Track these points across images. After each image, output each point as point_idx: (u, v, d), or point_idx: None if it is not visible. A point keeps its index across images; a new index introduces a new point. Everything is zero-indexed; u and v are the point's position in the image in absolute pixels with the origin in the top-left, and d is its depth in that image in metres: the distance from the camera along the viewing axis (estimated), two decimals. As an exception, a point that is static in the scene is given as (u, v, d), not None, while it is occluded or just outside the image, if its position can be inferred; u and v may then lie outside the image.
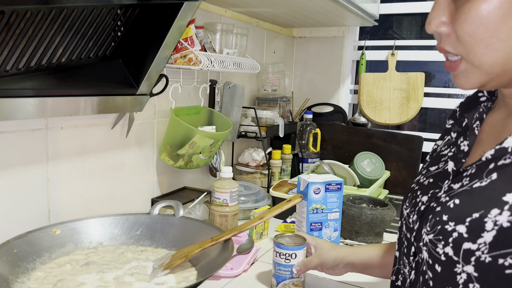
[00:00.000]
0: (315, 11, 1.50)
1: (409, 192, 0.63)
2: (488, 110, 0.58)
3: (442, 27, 0.50)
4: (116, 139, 1.09)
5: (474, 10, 0.46)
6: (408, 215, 0.59)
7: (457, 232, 0.47)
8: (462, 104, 0.64)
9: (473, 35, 0.47)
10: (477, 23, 0.46)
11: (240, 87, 1.42)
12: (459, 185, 0.52)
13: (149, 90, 1.02)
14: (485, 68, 0.48)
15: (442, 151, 0.63)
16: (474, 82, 0.50)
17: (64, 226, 0.90)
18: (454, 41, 0.49)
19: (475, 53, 0.48)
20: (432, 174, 0.60)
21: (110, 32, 0.92)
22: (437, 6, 0.50)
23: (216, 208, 1.11)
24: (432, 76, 1.91)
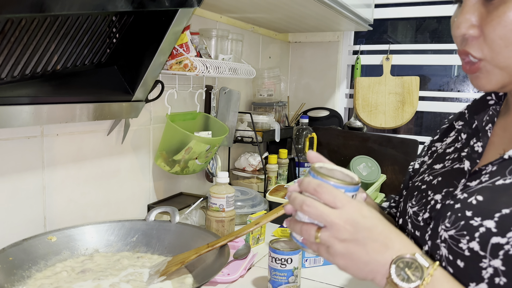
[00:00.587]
0: (309, 17, 1.51)
1: (413, 190, 0.63)
2: (498, 113, 0.60)
3: (471, 30, 0.51)
4: (111, 145, 1.09)
5: (509, 13, 0.48)
6: (416, 213, 0.59)
7: (485, 227, 0.48)
8: (470, 107, 0.65)
9: (504, 38, 0.49)
10: (511, 27, 0.48)
11: (236, 92, 1.43)
12: (476, 182, 0.53)
13: (145, 96, 1.02)
14: (510, 70, 0.50)
15: (446, 151, 0.64)
16: (496, 83, 0.52)
17: (59, 233, 0.89)
18: (481, 44, 0.51)
19: (502, 55, 0.49)
20: (440, 173, 0.60)
21: (105, 39, 0.92)
22: (467, 9, 0.51)
23: (212, 214, 1.11)
24: (427, 80, 1.92)
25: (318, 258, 1.07)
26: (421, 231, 0.58)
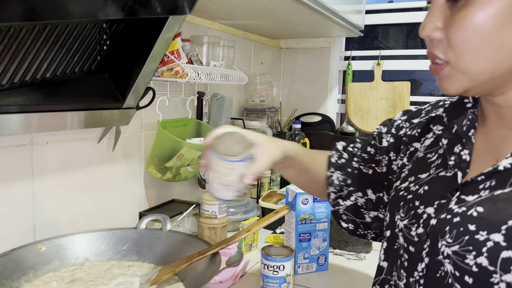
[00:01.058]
0: (301, 23, 1.52)
1: (399, 200, 0.60)
2: (477, 117, 0.58)
3: (435, 32, 0.50)
4: (102, 153, 1.08)
5: (470, 17, 0.47)
6: (408, 227, 0.56)
7: (492, 241, 0.45)
8: (447, 110, 0.63)
9: (465, 42, 0.48)
10: (471, 31, 0.47)
11: (228, 98, 1.43)
12: (475, 197, 0.50)
13: (136, 103, 1.01)
14: (472, 75, 0.49)
15: (428, 158, 0.61)
16: (458, 87, 0.51)
17: (49, 242, 0.88)
18: (445, 47, 0.50)
19: (464, 59, 0.49)
20: (426, 182, 0.58)
21: (96, 46, 0.92)
22: (433, 11, 0.51)
23: (205, 221, 1.10)
24: (418, 85, 1.94)
25: (310, 265, 1.07)
26: (416, 246, 0.55)
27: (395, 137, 0.72)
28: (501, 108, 0.54)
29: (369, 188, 0.76)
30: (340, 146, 0.83)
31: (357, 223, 0.78)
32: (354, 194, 0.77)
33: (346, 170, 0.78)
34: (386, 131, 0.74)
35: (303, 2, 1.14)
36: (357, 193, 0.77)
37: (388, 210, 0.63)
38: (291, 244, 1.07)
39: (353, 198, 0.78)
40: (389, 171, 0.73)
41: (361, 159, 0.77)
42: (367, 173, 0.76)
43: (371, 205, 0.76)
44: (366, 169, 0.76)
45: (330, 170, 0.79)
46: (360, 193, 0.77)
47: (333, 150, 0.83)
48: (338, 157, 0.80)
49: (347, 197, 0.78)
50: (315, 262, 1.08)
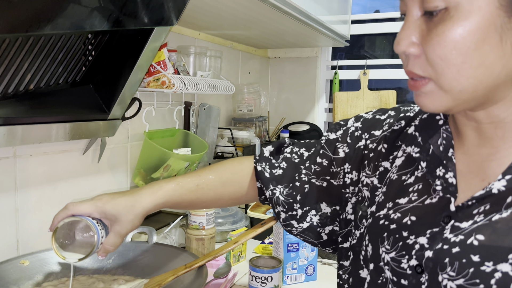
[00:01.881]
0: (288, 33, 1.53)
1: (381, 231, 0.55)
2: (451, 135, 0.55)
3: (411, 47, 0.47)
4: (87, 164, 1.07)
5: (448, 33, 0.44)
6: (396, 260, 0.52)
7: (500, 271, 0.43)
8: (419, 128, 0.58)
9: (445, 59, 0.45)
10: (451, 47, 0.44)
11: (215, 108, 1.43)
12: (470, 223, 0.47)
13: (122, 114, 1.01)
14: (454, 93, 0.46)
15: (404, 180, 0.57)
16: (439, 105, 0.48)
17: (33, 257, 0.86)
18: (423, 63, 0.47)
19: (445, 77, 0.46)
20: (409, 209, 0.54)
21: (81, 57, 0.91)
22: (408, 25, 0.48)
23: (192, 232, 1.09)
24: (404, 93, 1.96)
25: (299, 275, 1.07)
26: (409, 279, 0.51)
27: (352, 148, 0.66)
28: (482, 124, 0.51)
29: (323, 201, 0.68)
30: (267, 152, 0.74)
31: (315, 244, 0.71)
32: (309, 214, 0.69)
33: (290, 184, 0.70)
34: (341, 140, 0.68)
35: (289, 13, 1.15)
36: (311, 211, 0.69)
37: (369, 241, 0.57)
38: (280, 255, 1.06)
39: (308, 218, 0.69)
40: (344, 184, 0.66)
41: (311, 171, 0.69)
42: (320, 186, 0.68)
43: (325, 220, 0.69)
44: (320, 181, 0.68)
45: (270, 188, 0.70)
46: (313, 210, 0.69)
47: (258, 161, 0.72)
48: (270, 166, 0.71)
49: (302, 218, 0.69)
50: (303, 272, 1.07)
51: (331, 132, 0.70)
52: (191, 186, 0.70)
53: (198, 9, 1.12)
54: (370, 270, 0.57)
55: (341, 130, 0.69)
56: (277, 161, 0.72)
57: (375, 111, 0.69)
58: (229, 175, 0.73)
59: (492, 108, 0.49)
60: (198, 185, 0.70)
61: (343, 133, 0.68)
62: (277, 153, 0.74)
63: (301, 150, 0.72)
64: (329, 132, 0.70)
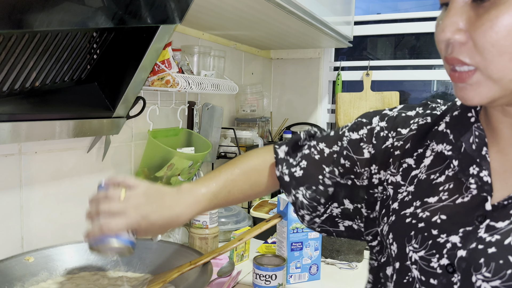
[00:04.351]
0: (291, 34, 1.53)
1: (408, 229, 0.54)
2: (484, 133, 0.53)
3: (457, 34, 0.45)
4: (92, 163, 1.07)
5: (503, 18, 0.42)
6: (425, 259, 0.51)
7: None
8: (450, 126, 0.57)
9: (497, 46, 0.43)
10: (504, 33, 0.43)
11: (218, 108, 1.43)
12: (507, 223, 0.46)
13: (126, 112, 1.01)
14: (504, 82, 0.45)
15: (433, 179, 0.56)
16: (486, 97, 0.46)
17: (37, 253, 0.87)
18: (470, 50, 0.45)
19: (496, 65, 0.44)
20: (440, 208, 0.52)
21: (86, 55, 0.92)
22: (454, 12, 0.45)
23: (195, 231, 1.10)
24: (407, 95, 1.96)
25: (303, 274, 1.07)
26: (439, 279, 0.50)
27: (378, 148, 0.64)
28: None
29: (347, 198, 0.67)
30: (282, 153, 0.72)
31: (330, 231, 0.71)
32: (330, 206, 0.69)
33: (313, 187, 0.68)
34: (365, 140, 0.66)
35: (294, 12, 1.16)
36: (333, 204, 0.69)
37: (394, 239, 0.56)
38: (283, 254, 1.06)
39: (328, 210, 0.69)
40: (370, 184, 0.65)
41: (335, 174, 0.67)
42: (345, 184, 0.67)
43: (346, 214, 0.69)
44: (344, 180, 0.67)
45: (292, 193, 0.69)
46: (336, 203, 0.68)
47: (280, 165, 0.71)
48: (288, 166, 0.70)
49: (324, 213, 0.69)
50: (307, 271, 1.07)
51: (353, 131, 0.68)
52: (224, 193, 0.70)
53: (202, 9, 1.12)
54: (395, 269, 0.55)
55: (365, 129, 0.67)
56: (295, 159, 0.70)
57: (401, 107, 0.67)
58: (256, 176, 0.73)
59: None
60: (230, 191, 0.70)
61: (368, 132, 0.66)
62: (293, 150, 0.72)
63: (320, 146, 0.70)
64: (351, 132, 0.68)
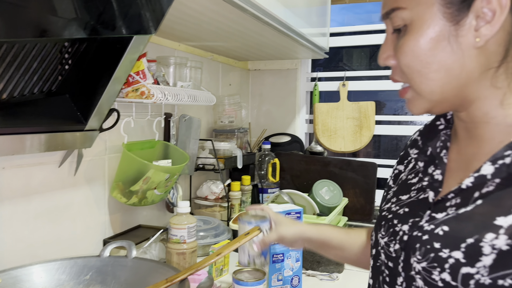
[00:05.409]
0: (268, 45, 1.53)
1: (381, 220, 0.63)
2: (449, 137, 0.61)
3: (389, 60, 0.56)
4: (63, 177, 1.03)
5: (407, 44, 0.52)
6: (387, 244, 0.59)
7: (453, 258, 0.48)
8: (422, 133, 0.66)
9: (409, 67, 0.53)
10: (411, 56, 0.52)
11: (196, 120, 1.41)
12: (443, 214, 0.53)
13: (99, 125, 0.98)
14: (425, 95, 0.54)
15: (410, 180, 0.64)
16: (419, 108, 0.56)
17: (5, 274, 0.82)
18: (399, 72, 0.55)
19: (414, 82, 0.54)
20: (406, 203, 0.60)
21: (57, 66, 0.89)
22: (386, 42, 0.56)
23: (173, 246, 1.06)
24: (383, 104, 1.99)
25: (284, 286, 1.05)
26: (394, 262, 0.58)
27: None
28: (466, 124, 0.56)
29: None
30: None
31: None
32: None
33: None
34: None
35: (270, 24, 1.16)
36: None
37: (374, 230, 0.65)
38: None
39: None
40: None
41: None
42: None
43: None
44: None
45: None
46: None
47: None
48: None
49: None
50: (289, 283, 1.05)
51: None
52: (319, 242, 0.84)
53: (178, 20, 1.11)
54: (372, 255, 0.64)
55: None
56: None
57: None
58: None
59: (471, 109, 0.54)
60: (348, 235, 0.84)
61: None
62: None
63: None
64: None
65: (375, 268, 0.63)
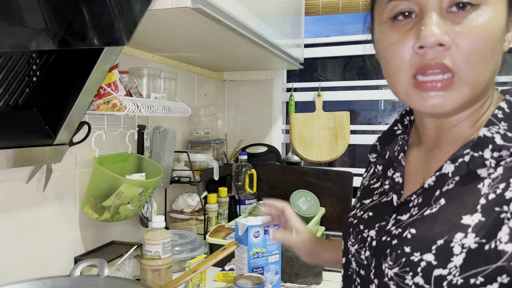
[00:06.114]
0: (243, 56, 1.53)
1: (348, 227, 0.62)
2: (407, 142, 0.61)
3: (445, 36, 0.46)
4: (31, 194, 0.99)
5: (489, 25, 0.46)
6: (358, 252, 0.58)
7: (425, 261, 0.48)
8: (380, 139, 0.66)
9: (479, 50, 0.46)
10: (489, 39, 0.46)
11: (171, 131, 1.39)
12: (407, 216, 0.53)
13: (69, 139, 0.95)
14: (475, 88, 0.48)
15: (371, 184, 0.64)
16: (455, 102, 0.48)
17: (-35, 299, 0.77)
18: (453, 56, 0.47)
19: (474, 70, 0.46)
20: (369, 207, 0.60)
21: (24, 77, 0.85)
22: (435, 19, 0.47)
23: (147, 262, 1.03)
24: (357, 114, 2.01)
25: (262, 301, 1.03)
26: (365, 269, 0.57)
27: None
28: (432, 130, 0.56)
29: None
30: None
31: None
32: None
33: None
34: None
35: (245, 35, 1.16)
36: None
37: (342, 237, 0.64)
38: (241, 281, 1.02)
39: None
40: None
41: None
42: None
43: None
44: None
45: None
46: None
47: None
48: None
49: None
50: (266, 298, 1.04)
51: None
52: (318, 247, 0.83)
53: (151, 31, 1.09)
54: (343, 264, 0.63)
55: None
56: None
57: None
58: None
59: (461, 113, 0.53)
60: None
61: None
62: None
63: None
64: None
65: (346, 277, 0.62)
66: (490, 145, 0.48)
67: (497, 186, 0.47)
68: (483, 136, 0.49)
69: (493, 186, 0.48)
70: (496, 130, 0.49)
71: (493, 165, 0.48)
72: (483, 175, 0.49)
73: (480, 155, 0.49)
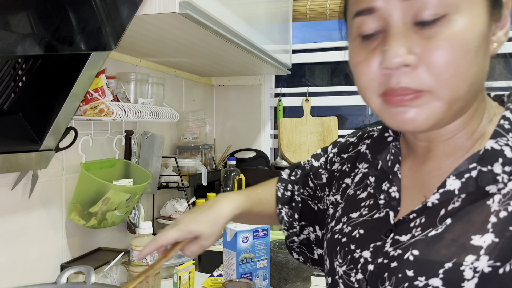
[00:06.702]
0: (231, 61, 1.54)
1: (335, 245, 0.56)
2: (399, 150, 0.56)
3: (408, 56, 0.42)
4: (17, 200, 0.97)
5: (462, 34, 0.41)
6: (347, 274, 0.53)
7: (432, 286, 0.43)
8: (370, 147, 0.60)
9: (455, 66, 0.41)
10: (464, 51, 0.41)
11: (159, 137, 1.38)
12: (408, 237, 0.48)
13: (55, 144, 0.94)
14: (452, 103, 0.43)
15: (358, 195, 0.59)
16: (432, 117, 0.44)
17: None
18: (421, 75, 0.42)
19: (449, 87, 0.42)
20: (358, 223, 0.55)
21: (9, 82, 0.85)
22: (398, 36, 0.43)
23: (135, 269, 1.02)
24: (344, 119, 2.03)
25: (250, 306, 1.03)
26: None
27: (329, 172, 0.70)
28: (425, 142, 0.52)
29: (317, 224, 0.71)
30: (286, 175, 0.77)
31: (307, 257, 0.74)
32: (307, 229, 0.73)
33: (291, 204, 0.73)
34: (323, 167, 0.71)
35: (233, 41, 1.16)
36: (309, 227, 0.72)
37: (327, 255, 0.59)
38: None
39: (305, 232, 0.73)
40: (326, 207, 0.69)
41: (305, 194, 0.73)
42: (313, 209, 0.71)
43: (319, 242, 0.72)
44: (313, 204, 0.72)
45: (278, 207, 0.73)
46: (311, 228, 0.72)
47: (279, 182, 0.76)
48: (284, 188, 0.75)
49: (300, 232, 0.73)
50: (255, 303, 1.04)
51: (314, 158, 0.75)
52: (255, 199, 0.73)
53: (138, 36, 1.09)
54: (328, 284, 0.58)
55: (323, 158, 0.73)
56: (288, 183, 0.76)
57: (350, 134, 0.73)
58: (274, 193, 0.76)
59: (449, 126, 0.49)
60: (260, 198, 0.73)
61: (325, 160, 0.72)
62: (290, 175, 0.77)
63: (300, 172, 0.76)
64: (312, 158, 0.75)
65: None
66: (500, 159, 0.44)
67: (508, 202, 0.43)
68: (490, 149, 0.45)
69: (503, 203, 0.44)
70: (504, 142, 0.45)
71: (506, 180, 0.44)
72: (492, 191, 0.45)
73: (489, 170, 0.45)
